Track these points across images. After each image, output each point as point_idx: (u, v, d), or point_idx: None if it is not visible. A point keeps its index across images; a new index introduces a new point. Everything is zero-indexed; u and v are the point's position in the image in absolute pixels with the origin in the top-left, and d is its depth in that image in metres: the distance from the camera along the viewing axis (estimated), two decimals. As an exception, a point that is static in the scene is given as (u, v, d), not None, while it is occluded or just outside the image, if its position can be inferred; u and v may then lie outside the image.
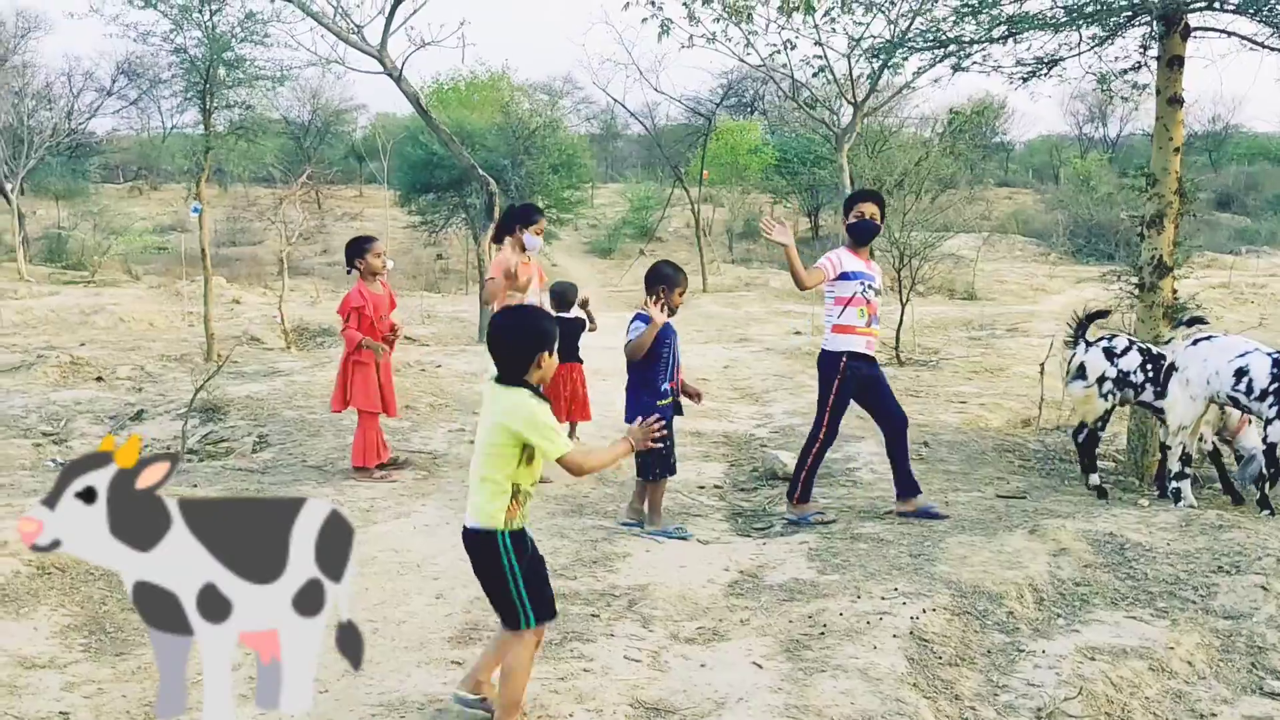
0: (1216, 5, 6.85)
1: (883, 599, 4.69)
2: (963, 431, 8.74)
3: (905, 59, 7.71)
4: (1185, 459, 6.55)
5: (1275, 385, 6.08)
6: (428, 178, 29.19)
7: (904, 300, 13.50)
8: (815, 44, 17.84)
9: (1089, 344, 7.10)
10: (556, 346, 3.52)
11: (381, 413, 7.22)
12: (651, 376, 5.88)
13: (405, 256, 32.74)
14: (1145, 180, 7.17)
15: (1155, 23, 6.94)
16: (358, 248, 7.31)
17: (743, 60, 18.44)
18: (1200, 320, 6.83)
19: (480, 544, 3.42)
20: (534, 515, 6.40)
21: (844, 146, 19.02)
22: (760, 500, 6.70)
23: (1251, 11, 6.61)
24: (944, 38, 7.23)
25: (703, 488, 7.01)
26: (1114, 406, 7.04)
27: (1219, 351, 6.41)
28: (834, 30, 16.25)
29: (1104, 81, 8.06)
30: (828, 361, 6.20)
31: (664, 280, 5.78)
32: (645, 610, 4.72)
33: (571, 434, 8.49)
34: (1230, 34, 7.01)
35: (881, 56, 7.85)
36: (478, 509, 3.40)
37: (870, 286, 6.19)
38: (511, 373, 3.42)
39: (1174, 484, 6.57)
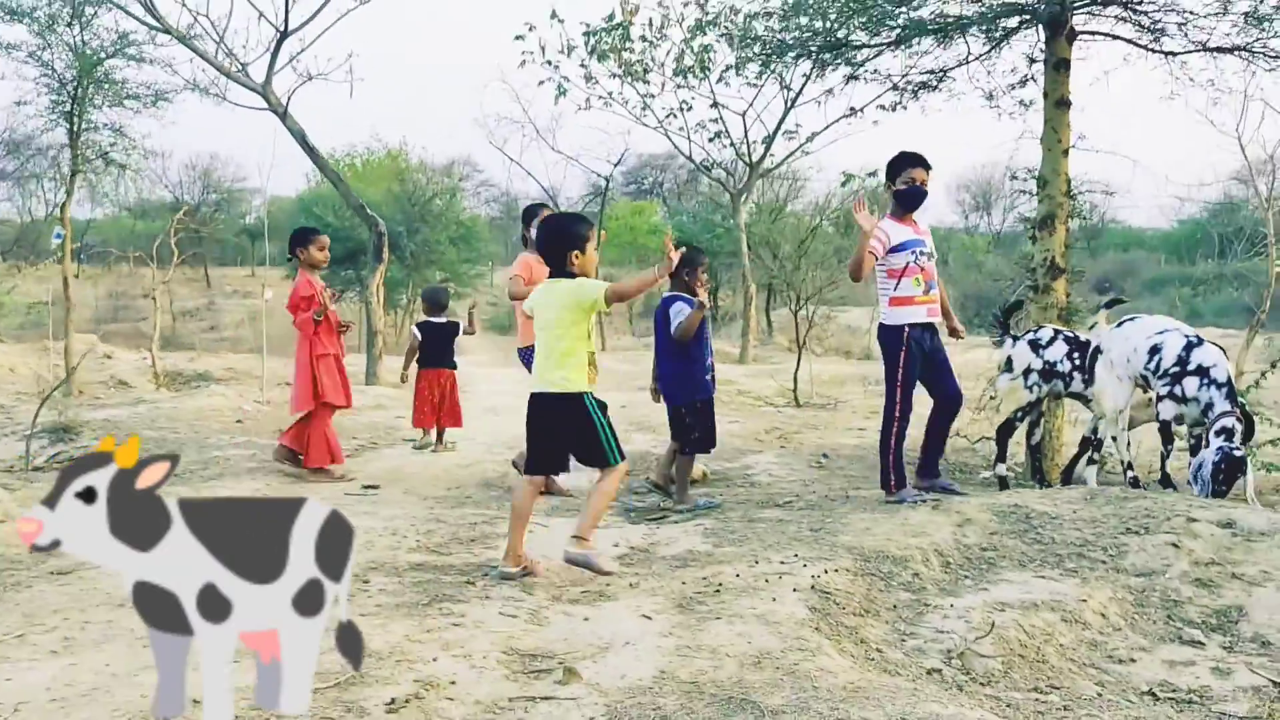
0: (1097, 10, 6.99)
1: (782, 563, 4.37)
2: (861, 449, 8.55)
3: (795, 60, 7.67)
4: (1097, 445, 6.39)
5: (1176, 367, 6.00)
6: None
7: (800, 348, 13.46)
8: (711, 105, 18.14)
9: (1015, 338, 6.96)
10: (590, 246, 4.44)
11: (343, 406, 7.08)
12: (698, 353, 6.13)
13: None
14: (1036, 182, 7.19)
15: (1041, 27, 7.03)
16: (302, 237, 7.12)
17: (639, 121, 18.60)
18: (1120, 301, 6.71)
19: (566, 405, 4.38)
20: (413, 506, 5.97)
21: (740, 208, 19.24)
22: (653, 502, 6.33)
23: (1122, 7, 6.75)
24: (832, 39, 7.22)
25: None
26: (1040, 398, 6.86)
27: (1139, 330, 6.29)
28: (727, 84, 16.60)
29: (991, 98, 8.15)
30: (890, 336, 5.89)
31: (693, 263, 5.94)
32: (526, 579, 4.31)
33: (440, 439, 8.15)
34: (1114, 37, 7.15)
35: (772, 57, 7.80)
36: (561, 380, 4.36)
37: (922, 252, 5.89)
38: (557, 266, 4.44)
39: (1129, 474, 6.29)
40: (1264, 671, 3.64)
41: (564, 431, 4.44)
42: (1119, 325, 6.46)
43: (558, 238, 4.47)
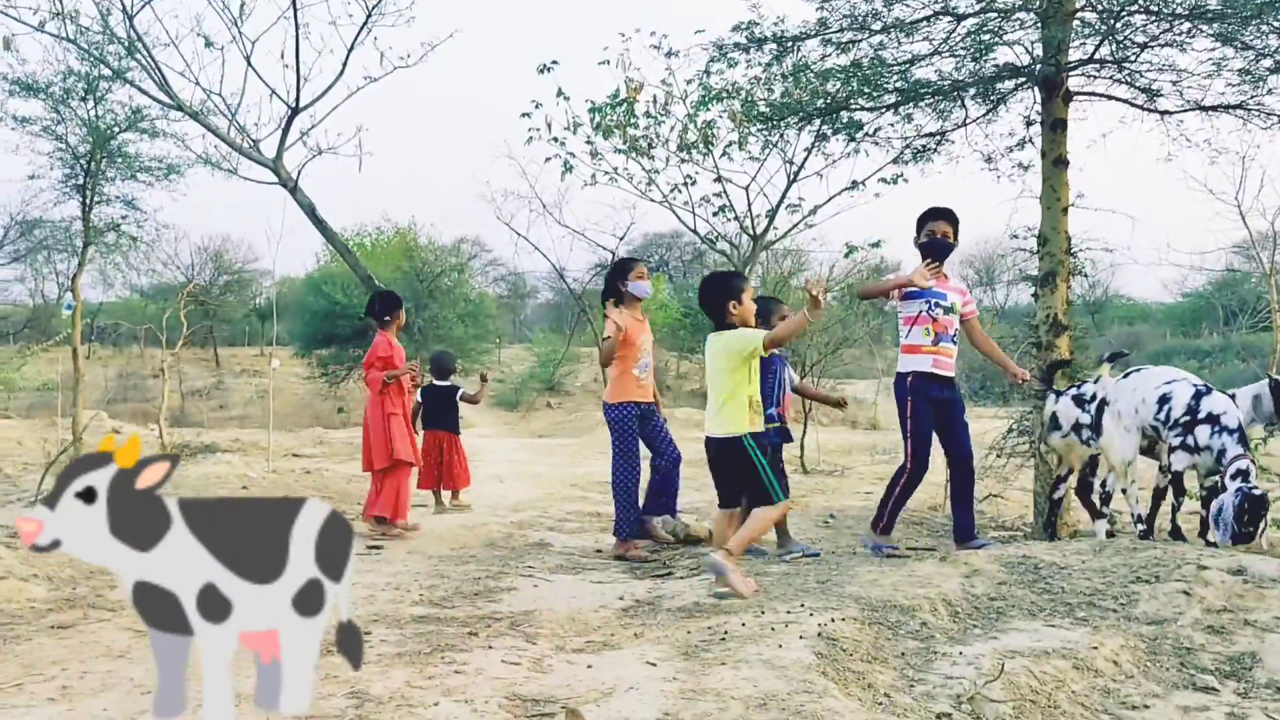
0: (1093, 71, 7.12)
1: (788, 612, 4.32)
2: (869, 509, 8.47)
3: (794, 126, 7.80)
4: (1105, 498, 6.35)
5: (1186, 416, 5.97)
6: (329, 328, 28.79)
7: (806, 417, 13.46)
8: (715, 180, 18.37)
9: (1058, 394, 6.90)
10: (747, 297, 4.84)
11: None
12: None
13: (305, 410, 31.96)
14: (1036, 240, 7.25)
15: (1038, 88, 7.16)
16: (388, 305, 7.52)
17: (645, 196, 18.79)
18: (1122, 354, 6.71)
19: (729, 448, 4.80)
20: (416, 563, 5.92)
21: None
22: (662, 559, 6.28)
23: (1117, 69, 6.88)
24: (833, 103, 7.35)
25: (600, 551, 6.57)
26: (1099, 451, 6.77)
27: (1146, 380, 6.28)
28: (730, 159, 16.79)
29: (990, 161, 8.26)
30: (898, 384, 6.00)
31: (768, 311, 5.97)
32: (528, 630, 4.27)
33: (439, 500, 8.16)
34: (1109, 98, 7.26)
35: (772, 121, 7.93)
36: (725, 422, 4.81)
37: (938, 304, 5.93)
38: (718, 319, 4.89)
39: (1140, 526, 6.29)
40: (1279, 717, 3.58)
41: (730, 470, 4.87)
42: (1125, 376, 6.45)
43: (717, 292, 4.90)
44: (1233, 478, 5.71)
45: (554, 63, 16.49)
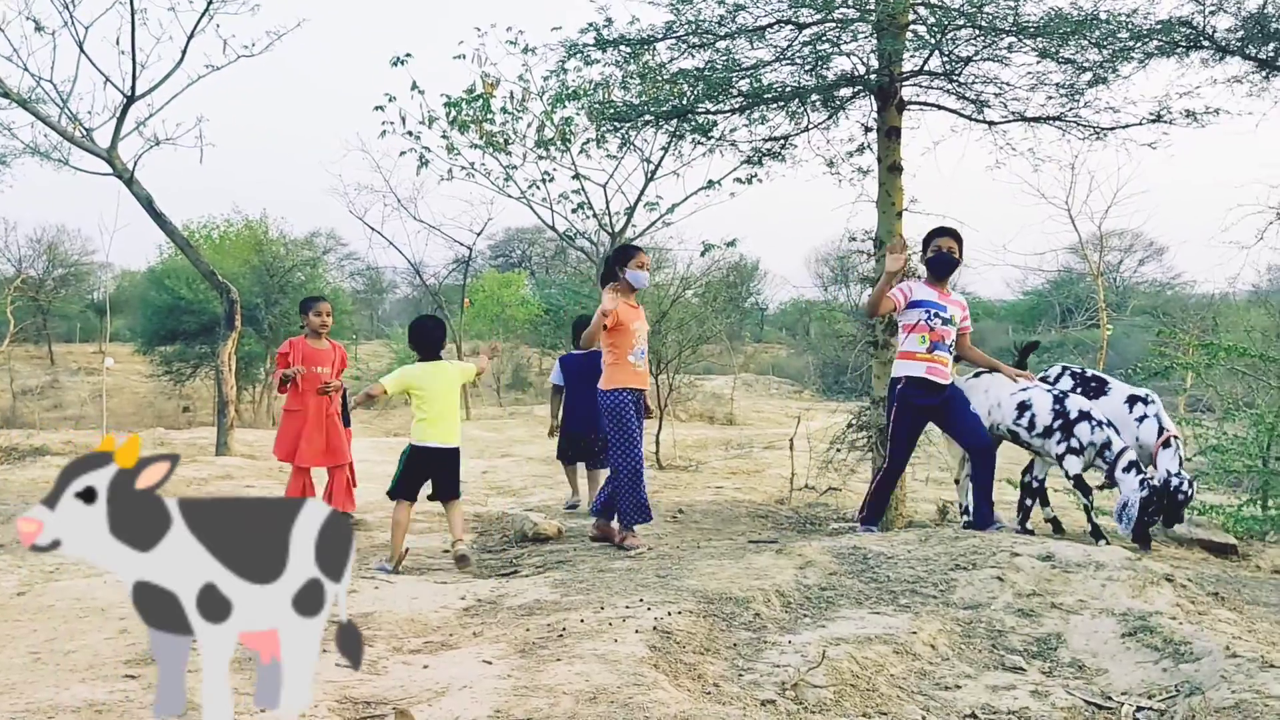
0: (925, 82, 7.44)
1: (627, 607, 4.41)
2: (718, 504, 8.68)
3: (654, 127, 7.93)
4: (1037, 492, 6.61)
5: (1058, 420, 6.17)
6: (174, 324, 27.58)
7: (662, 412, 13.61)
8: (573, 177, 18.42)
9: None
10: None
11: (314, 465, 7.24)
12: None
13: (148, 410, 30.60)
14: (873, 243, 7.53)
15: (873, 97, 7.45)
16: (306, 306, 7.54)
17: (503, 192, 18.70)
18: (1036, 344, 6.96)
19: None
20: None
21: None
22: (509, 557, 6.30)
23: (947, 80, 7.22)
24: (682, 105, 7.49)
25: (446, 552, 6.54)
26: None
27: (1001, 383, 6.48)
28: (588, 156, 16.88)
29: (831, 165, 8.54)
30: (890, 390, 6.30)
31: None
32: (366, 632, 4.22)
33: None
34: (940, 108, 7.61)
35: (624, 122, 8.04)
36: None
37: (937, 315, 6.19)
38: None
39: (965, 518, 6.59)
40: (1079, 692, 3.84)
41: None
42: (975, 376, 6.66)
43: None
44: (1125, 470, 5.92)
45: (408, 55, 16.29)
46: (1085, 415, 6.17)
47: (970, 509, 6.63)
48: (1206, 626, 4.19)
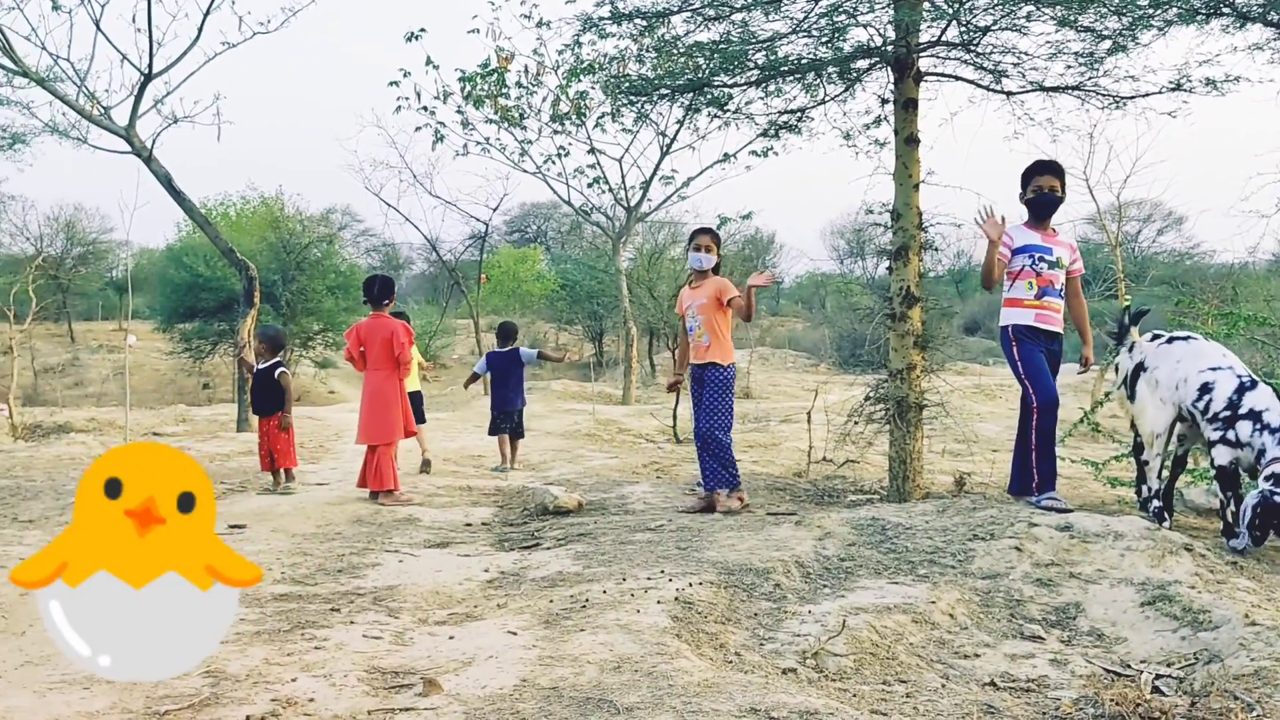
0: (942, 53, 7.40)
1: (648, 579, 4.46)
2: (736, 477, 8.71)
3: (669, 100, 7.91)
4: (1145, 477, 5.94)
5: (1227, 411, 5.45)
6: (193, 302, 27.71)
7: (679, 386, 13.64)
8: (589, 151, 18.42)
9: (1132, 347, 6.21)
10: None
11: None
12: None
13: (169, 387, 30.87)
14: (890, 216, 7.51)
15: (890, 68, 7.40)
16: (387, 288, 7.85)
17: (518, 167, 18.73)
18: (1145, 311, 6.26)
19: None
20: (280, 541, 5.86)
21: (620, 251, 19.49)
22: (530, 530, 6.37)
23: (965, 50, 7.17)
24: (699, 78, 7.48)
25: (469, 525, 6.62)
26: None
27: (1192, 359, 5.68)
28: (604, 130, 16.91)
29: (848, 138, 8.51)
30: (1002, 338, 5.98)
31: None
32: (392, 604, 4.31)
33: (276, 480, 7.91)
34: (957, 78, 7.56)
35: (640, 96, 8.02)
36: None
37: (1042, 259, 5.86)
38: None
39: (1155, 503, 5.84)
40: (1097, 661, 3.87)
41: None
42: (1169, 342, 5.89)
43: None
44: (1266, 479, 5.30)
45: (422, 30, 16.28)
46: (1255, 415, 5.45)
47: (1158, 494, 5.89)
48: (1225, 595, 4.21)
